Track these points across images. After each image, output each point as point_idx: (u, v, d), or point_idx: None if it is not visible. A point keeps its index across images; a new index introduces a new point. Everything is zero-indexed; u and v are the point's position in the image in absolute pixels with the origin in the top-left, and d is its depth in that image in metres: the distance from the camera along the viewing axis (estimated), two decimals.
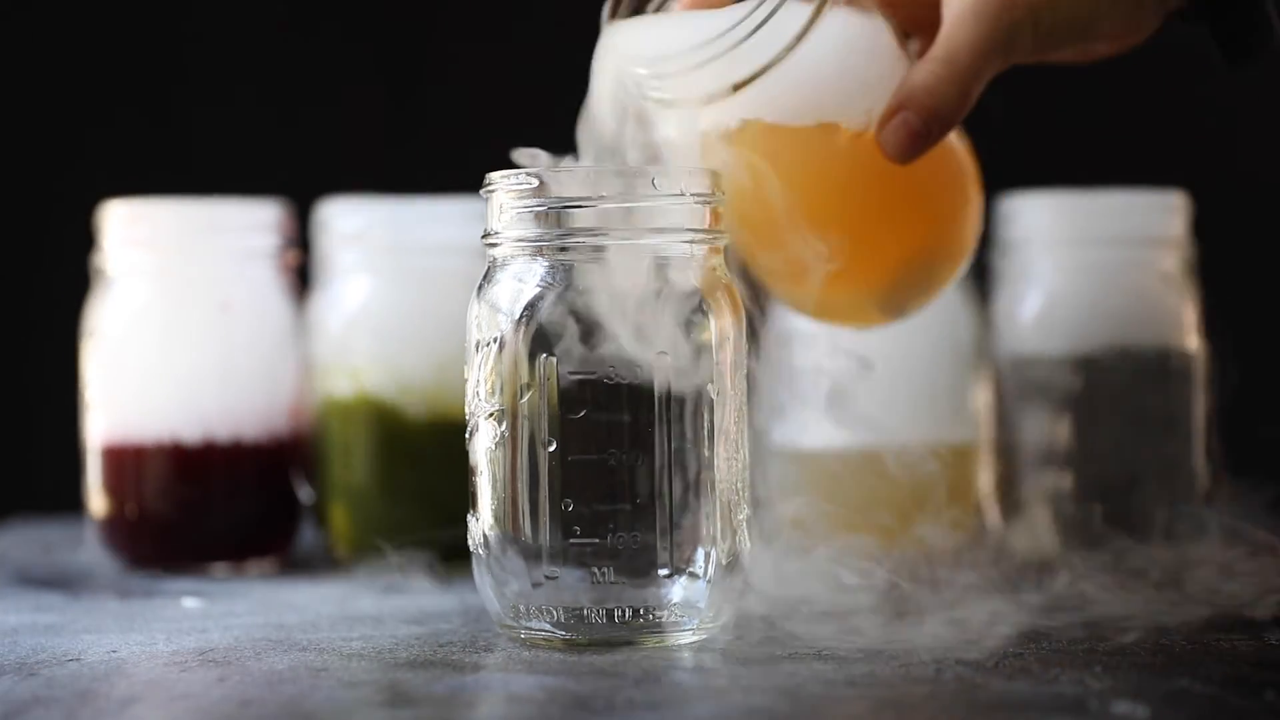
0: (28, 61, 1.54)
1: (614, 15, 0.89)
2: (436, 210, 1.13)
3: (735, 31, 0.84)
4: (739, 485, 0.85)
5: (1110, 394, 1.11)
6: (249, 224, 1.14)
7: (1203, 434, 1.13)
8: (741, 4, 0.86)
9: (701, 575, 0.83)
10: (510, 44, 1.09)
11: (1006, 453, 1.14)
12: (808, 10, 0.85)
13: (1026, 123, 1.50)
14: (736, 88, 0.86)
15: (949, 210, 0.91)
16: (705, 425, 0.83)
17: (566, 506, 0.82)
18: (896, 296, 0.93)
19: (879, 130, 0.86)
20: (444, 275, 1.11)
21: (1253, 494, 1.16)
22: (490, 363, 0.84)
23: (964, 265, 0.93)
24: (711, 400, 0.83)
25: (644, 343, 0.82)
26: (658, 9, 0.90)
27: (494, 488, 0.84)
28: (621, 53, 0.88)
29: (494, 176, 0.85)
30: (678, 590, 0.83)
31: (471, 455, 0.85)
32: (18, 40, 1.56)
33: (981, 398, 1.15)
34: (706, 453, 0.83)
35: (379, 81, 1.57)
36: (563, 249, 0.83)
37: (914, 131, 0.85)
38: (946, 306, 1.15)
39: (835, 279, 0.89)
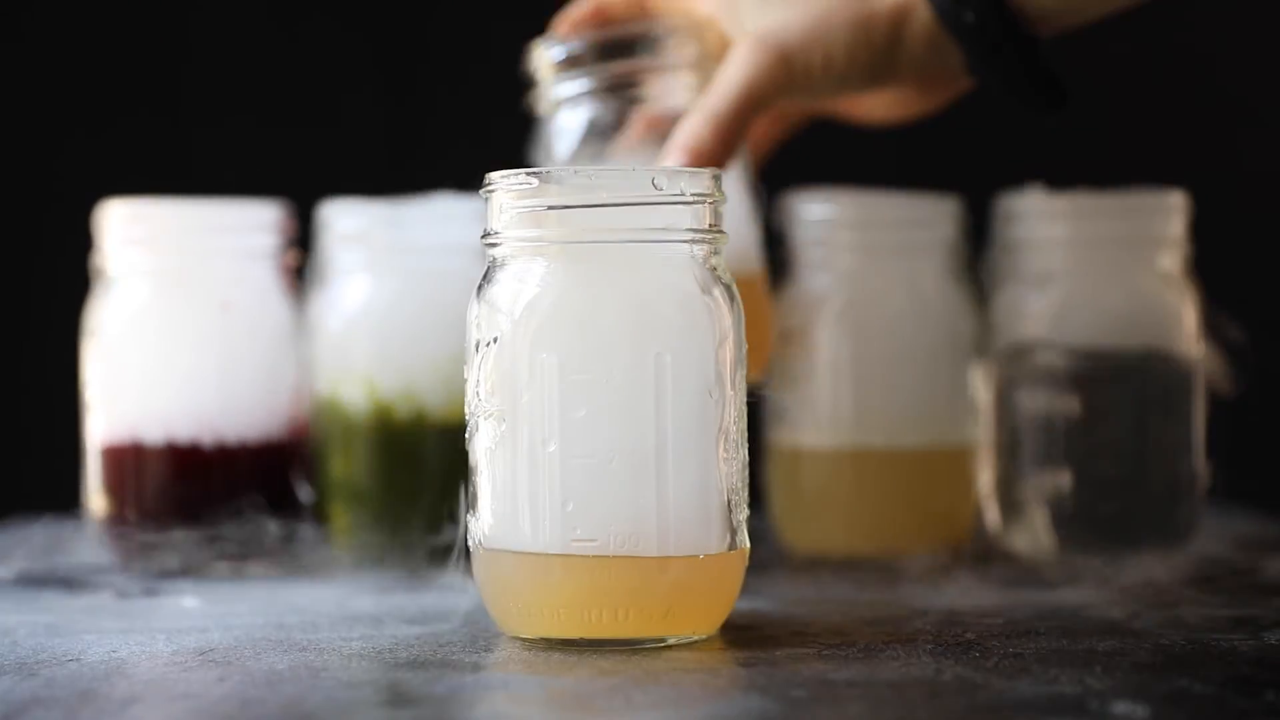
0: (28, 61, 1.54)
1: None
2: (436, 210, 1.13)
3: None
4: (739, 485, 0.84)
5: (1110, 394, 1.11)
6: (249, 224, 1.14)
7: (1202, 434, 1.13)
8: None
9: (701, 574, 0.83)
10: (510, 44, 1.09)
11: (1006, 453, 1.14)
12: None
13: (1027, 123, 1.50)
14: None
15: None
16: (705, 424, 0.83)
17: (566, 506, 0.82)
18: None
19: None
20: (444, 275, 1.11)
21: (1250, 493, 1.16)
22: (490, 363, 0.84)
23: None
24: (711, 400, 0.83)
25: (643, 344, 0.82)
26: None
27: (494, 488, 0.84)
28: None
29: (494, 176, 0.85)
30: (677, 590, 0.83)
31: (471, 455, 0.85)
32: (18, 39, 1.56)
33: (981, 397, 1.15)
34: (706, 452, 0.83)
35: (379, 82, 1.57)
36: (563, 249, 0.83)
37: None
38: (946, 306, 1.15)
39: None
